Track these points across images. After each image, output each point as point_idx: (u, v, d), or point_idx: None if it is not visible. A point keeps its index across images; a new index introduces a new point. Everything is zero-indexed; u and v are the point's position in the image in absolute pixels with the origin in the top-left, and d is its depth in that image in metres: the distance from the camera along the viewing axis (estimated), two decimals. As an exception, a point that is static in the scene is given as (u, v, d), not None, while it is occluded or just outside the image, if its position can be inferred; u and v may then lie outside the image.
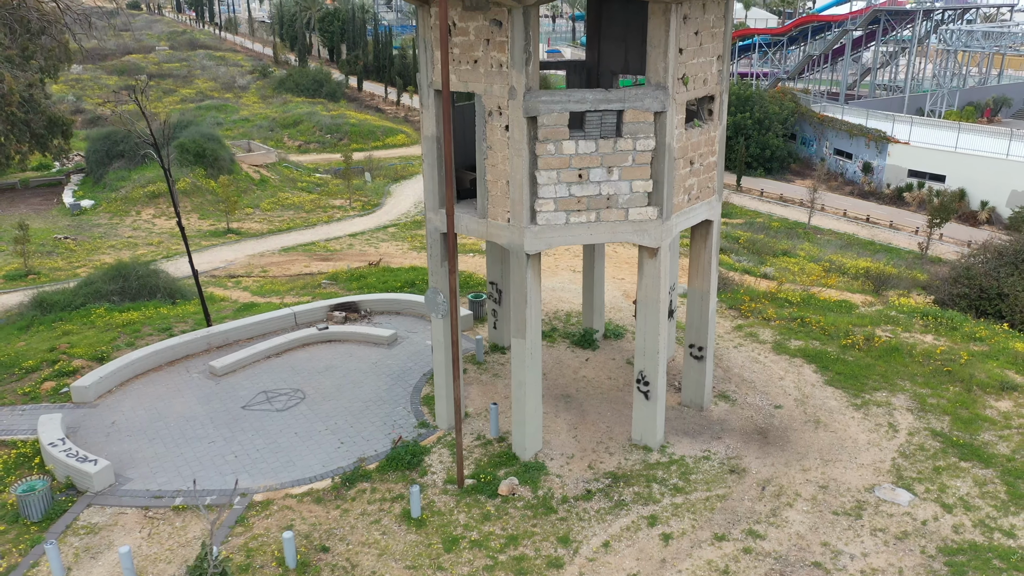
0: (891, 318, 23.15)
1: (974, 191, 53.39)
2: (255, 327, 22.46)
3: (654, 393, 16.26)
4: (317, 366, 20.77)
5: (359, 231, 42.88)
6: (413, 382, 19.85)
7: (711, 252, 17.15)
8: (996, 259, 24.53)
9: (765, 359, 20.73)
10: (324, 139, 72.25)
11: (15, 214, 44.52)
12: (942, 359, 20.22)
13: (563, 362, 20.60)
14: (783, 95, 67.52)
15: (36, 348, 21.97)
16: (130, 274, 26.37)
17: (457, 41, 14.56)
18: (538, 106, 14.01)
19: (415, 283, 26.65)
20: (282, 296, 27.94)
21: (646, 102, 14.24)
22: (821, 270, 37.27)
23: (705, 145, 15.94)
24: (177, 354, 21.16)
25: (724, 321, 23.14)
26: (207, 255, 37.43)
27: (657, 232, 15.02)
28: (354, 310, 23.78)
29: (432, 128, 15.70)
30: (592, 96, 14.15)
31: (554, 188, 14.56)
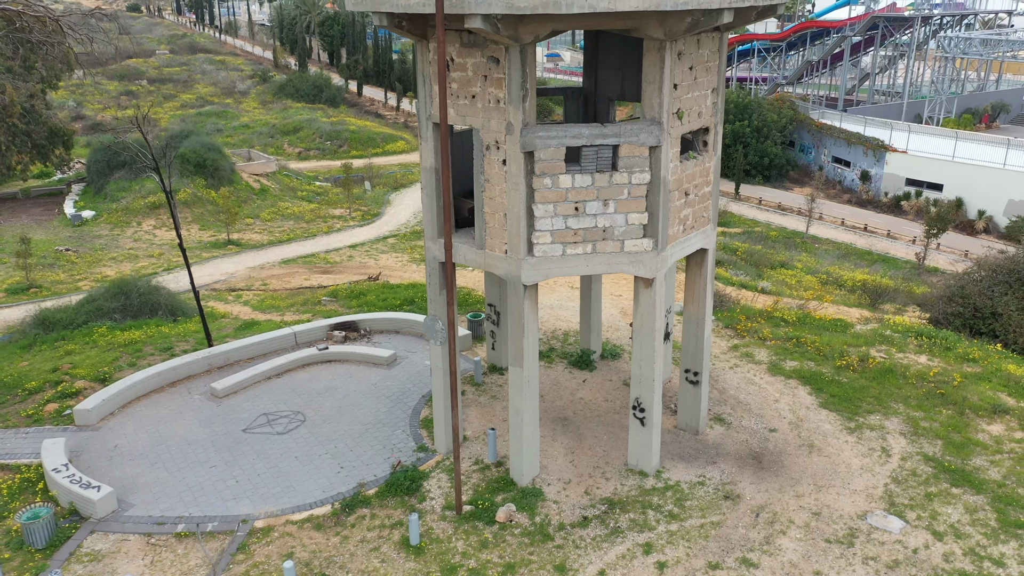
0: (886, 338, 23.37)
1: (971, 200, 53.63)
2: (256, 347, 22.68)
3: (650, 420, 16.47)
4: (317, 387, 20.98)
5: (359, 242, 43.10)
6: (412, 404, 20.07)
7: (706, 279, 17.37)
8: (990, 277, 24.74)
9: (760, 380, 20.94)
10: (324, 146, 72.48)
11: (17, 225, 44.75)
12: (935, 381, 20.43)
13: (560, 384, 20.82)
14: (781, 103, 67.75)
15: (39, 368, 22.18)
16: (131, 291, 26.58)
17: (455, 76, 14.77)
18: (535, 141, 14.23)
19: (414, 300, 26.87)
20: (282, 312, 28.15)
21: (641, 137, 14.46)
22: (818, 283, 37.50)
23: (700, 176, 16.16)
24: (179, 375, 21.37)
25: (720, 341, 23.36)
26: (208, 268, 37.65)
27: (652, 263, 15.24)
28: (354, 329, 24.00)
29: (431, 160, 15.91)
30: (588, 131, 14.37)
31: (551, 221, 14.78)
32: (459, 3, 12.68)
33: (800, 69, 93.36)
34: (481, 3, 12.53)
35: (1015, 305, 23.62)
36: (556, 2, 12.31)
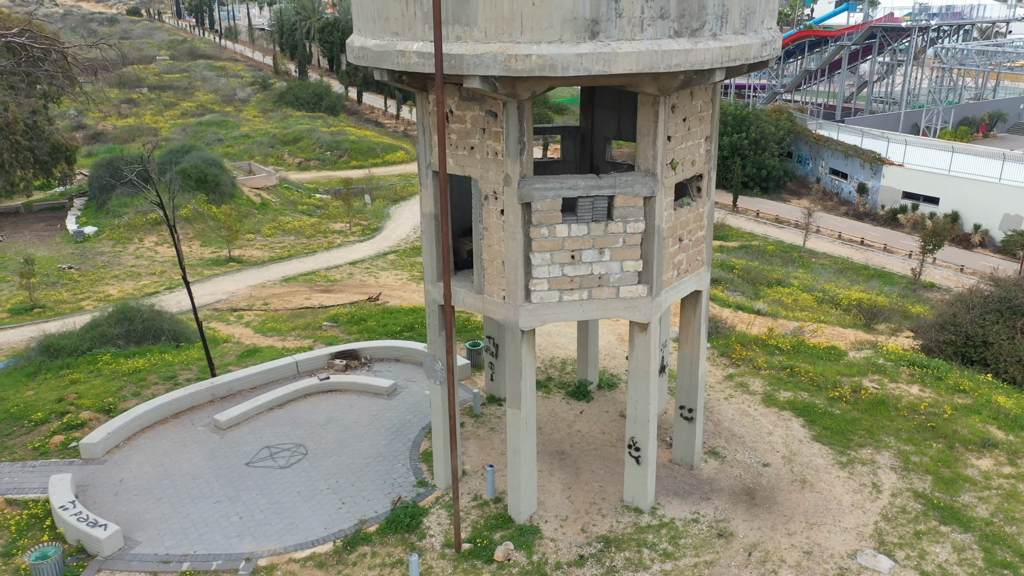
0: (879, 367, 23.73)
1: (967, 214, 54.02)
2: (258, 377, 23.03)
3: (645, 458, 16.82)
4: (319, 418, 21.34)
5: (359, 259, 43.48)
6: (412, 436, 20.42)
7: (701, 320, 17.72)
8: (982, 305, 25.10)
9: (755, 412, 21.30)
10: (324, 156, 72.84)
11: (19, 241, 45.11)
12: (926, 414, 20.79)
13: (558, 415, 21.17)
14: (779, 114, 68.12)
15: (44, 398, 22.52)
16: (135, 317, 26.92)
17: (454, 128, 15.12)
18: (532, 193, 14.58)
19: (414, 327, 27.22)
20: (284, 336, 28.50)
21: (636, 188, 14.81)
22: (814, 301, 37.86)
23: (694, 221, 16.51)
24: (182, 406, 21.72)
25: (716, 370, 23.72)
26: (209, 286, 38.01)
27: (647, 308, 15.59)
28: (355, 357, 24.35)
29: (430, 206, 16.27)
30: (584, 183, 14.73)
31: (548, 268, 15.13)
32: (458, 64, 13.03)
33: (799, 78, 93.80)
34: (479, 65, 12.88)
35: (1005, 334, 23.99)
36: (552, 65, 12.66)
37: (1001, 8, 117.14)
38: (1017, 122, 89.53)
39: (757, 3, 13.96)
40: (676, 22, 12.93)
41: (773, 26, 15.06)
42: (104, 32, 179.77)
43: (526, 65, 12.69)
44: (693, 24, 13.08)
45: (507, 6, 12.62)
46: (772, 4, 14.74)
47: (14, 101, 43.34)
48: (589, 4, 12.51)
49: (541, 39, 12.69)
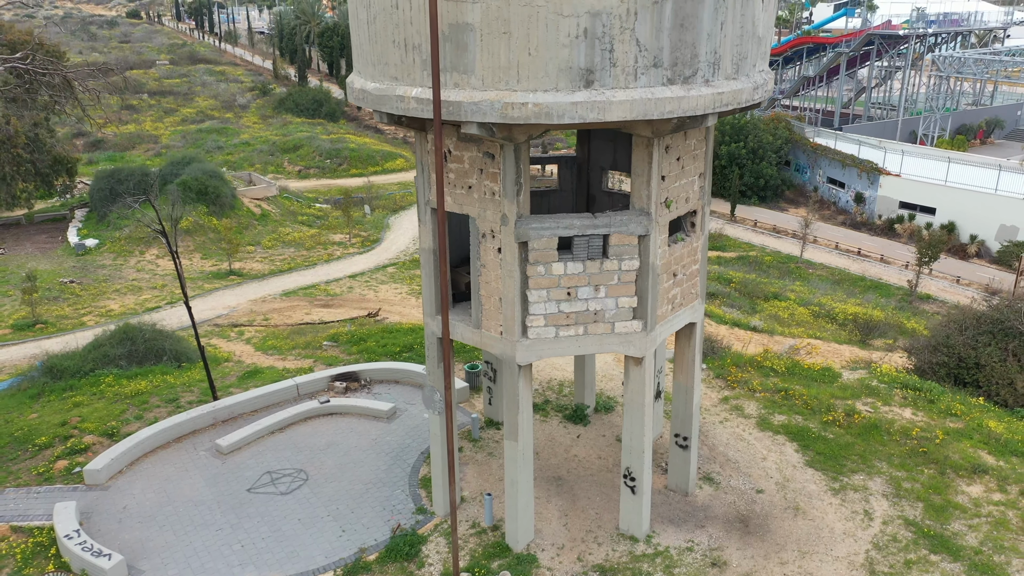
0: (872, 389, 24.02)
1: (964, 224, 54.33)
2: (259, 400, 23.31)
3: (640, 488, 17.11)
4: (319, 443, 21.62)
5: (359, 272, 43.77)
6: (411, 461, 20.70)
7: (695, 350, 18.01)
8: (975, 327, 25.37)
9: (749, 436, 21.58)
10: (324, 164, 73.10)
11: (21, 254, 45.37)
12: (919, 438, 21.08)
13: (555, 440, 21.46)
14: (777, 122, 68.41)
15: (48, 421, 22.80)
16: (137, 337, 27.19)
17: (453, 167, 15.41)
18: (529, 232, 14.86)
19: (413, 347, 27.50)
20: (284, 356, 28.78)
21: (630, 227, 15.10)
22: (810, 315, 38.16)
23: (688, 256, 16.80)
24: (184, 430, 22.00)
25: (711, 392, 24.01)
26: (210, 300, 38.29)
27: (642, 343, 15.88)
28: (354, 379, 24.63)
29: (429, 242, 16.55)
30: (579, 222, 15.02)
31: (544, 305, 15.41)
32: (456, 111, 13.32)
33: (797, 84, 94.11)
34: (477, 112, 13.17)
35: (997, 356, 24.27)
36: (548, 113, 12.95)
37: (998, 13, 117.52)
38: (1014, 128, 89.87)
39: (749, 49, 14.25)
40: (669, 70, 13.22)
41: (765, 68, 15.35)
42: (104, 35, 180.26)
43: (522, 113, 12.98)
44: (686, 72, 13.37)
45: (504, 56, 12.91)
46: (764, 47, 15.03)
47: (15, 114, 43.64)
48: (584, 54, 12.80)
49: (537, 87, 12.98)
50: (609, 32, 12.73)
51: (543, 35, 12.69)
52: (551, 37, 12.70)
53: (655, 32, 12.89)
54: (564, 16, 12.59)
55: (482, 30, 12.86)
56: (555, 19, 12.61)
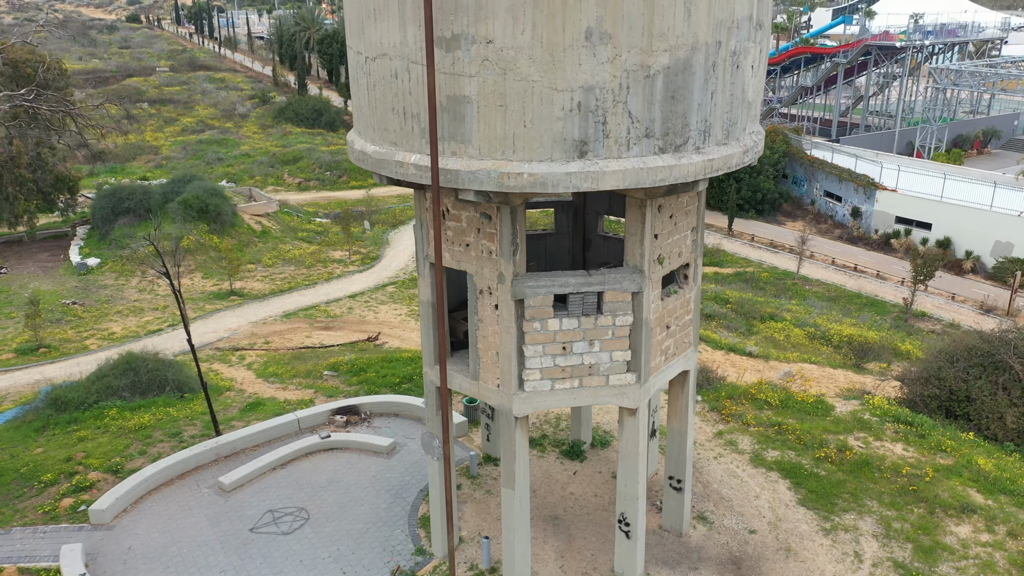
0: (864, 423, 24.39)
1: (959, 240, 54.70)
2: (261, 435, 23.68)
3: (634, 533, 17.48)
4: (320, 479, 21.98)
5: (358, 291, 44.15)
6: (411, 499, 21.07)
7: (688, 397, 18.39)
8: (966, 359, 25.73)
9: (743, 473, 21.96)
10: (324, 176, 73.49)
11: (24, 273, 45.73)
12: (909, 476, 21.45)
13: (552, 476, 21.83)
14: (775, 135, 68.75)
15: (53, 457, 23.17)
16: (140, 367, 27.57)
17: (451, 225, 15.78)
18: (525, 290, 15.24)
19: (412, 378, 27.87)
20: (285, 384, 29.15)
21: (624, 284, 15.47)
22: (806, 337, 38.53)
23: (681, 307, 17.17)
24: (187, 467, 22.37)
25: (706, 426, 24.38)
26: (211, 322, 38.67)
27: (636, 395, 16.26)
28: (355, 413, 25.01)
29: (428, 295, 16.93)
30: (575, 280, 15.39)
31: (540, 359, 15.79)
32: (454, 179, 13.69)
33: (795, 94, 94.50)
34: (474, 180, 13.54)
35: (988, 390, 24.64)
36: (543, 183, 13.32)
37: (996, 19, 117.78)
38: (1011, 138, 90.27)
39: (739, 114, 14.62)
40: (661, 140, 13.59)
41: (756, 128, 15.72)
42: (104, 40, 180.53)
43: (518, 182, 13.34)
44: (677, 140, 13.74)
45: (500, 127, 13.28)
46: (754, 109, 15.40)
47: (18, 134, 44.04)
48: (578, 126, 13.17)
49: (532, 157, 13.35)
50: (602, 105, 13.10)
51: (538, 108, 13.07)
52: (546, 110, 13.07)
53: (647, 105, 13.26)
54: (558, 91, 12.96)
55: (479, 103, 13.23)
56: (550, 93, 12.99)
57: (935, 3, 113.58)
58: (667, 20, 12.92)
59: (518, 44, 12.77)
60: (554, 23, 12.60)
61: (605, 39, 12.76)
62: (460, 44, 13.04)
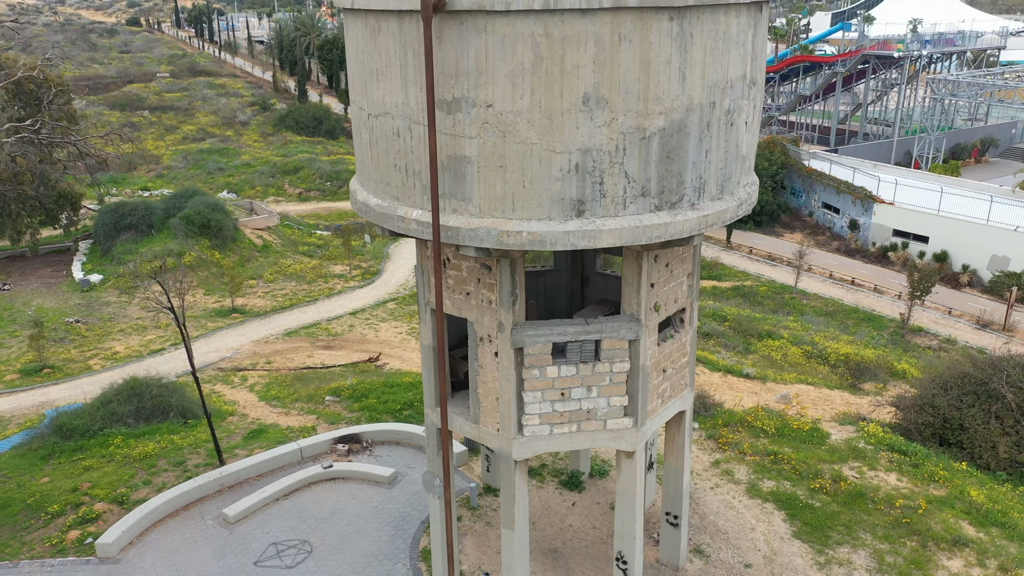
0: (859, 451, 24.73)
1: (956, 254, 55.05)
2: (264, 465, 24.02)
3: (632, 571, 17.82)
4: (323, 511, 22.33)
5: (359, 308, 44.45)
6: (412, 531, 21.42)
7: (684, 435, 18.73)
8: (959, 386, 26.07)
9: (739, 504, 22.31)
10: (324, 187, 73.79)
11: (27, 289, 46.04)
12: (902, 508, 21.79)
13: (551, 508, 22.18)
14: (773, 146, 69.08)
15: (59, 487, 23.50)
16: (144, 393, 27.88)
17: (451, 274, 16.12)
18: (524, 339, 15.57)
19: (413, 404, 28.20)
20: (287, 408, 29.48)
21: (621, 332, 15.80)
22: (803, 356, 38.87)
23: (677, 351, 17.51)
24: (192, 498, 22.71)
25: (703, 455, 24.72)
26: (213, 341, 38.99)
27: (633, 438, 16.60)
28: (356, 441, 25.36)
29: (429, 339, 17.27)
30: (573, 329, 15.72)
31: (539, 405, 16.12)
32: (454, 235, 14.02)
33: (793, 102, 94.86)
34: (474, 238, 13.87)
35: (981, 418, 24.98)
36: (541, 241, 13.66)
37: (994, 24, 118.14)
38: (1009, 146, 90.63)
39: (733, 169, 14.96)
40: (656, 198, 13.93)
41: (751, 181, 16.05)
42: (104, 45, 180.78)
43: (517, 240, 13.68)
44: (672, 198, 14.08)
45: (499, 187, 13.62)
46: (748, 162, 15.74)
47: (21, 152, 44.31)
48: (575, 187, 13.50)
49: (531, 216, 13.68)
50: (599, 166, 13.43)
51: (536, 169, 13.40)
52: (544, 171, 13.41)
53: (643, 165, 13.60)
54: (556, 153, 13.30)
55: (479, 163, 13.56)
56: (548, 155, 13.32)
57: (934, 8, 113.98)
58: (662, 84, 13.26)
59: (517, 108, 13.11)
60: (552, 90, 12.94)
61: (602, 104, 13.10)
62: (461, 107, 13.37)
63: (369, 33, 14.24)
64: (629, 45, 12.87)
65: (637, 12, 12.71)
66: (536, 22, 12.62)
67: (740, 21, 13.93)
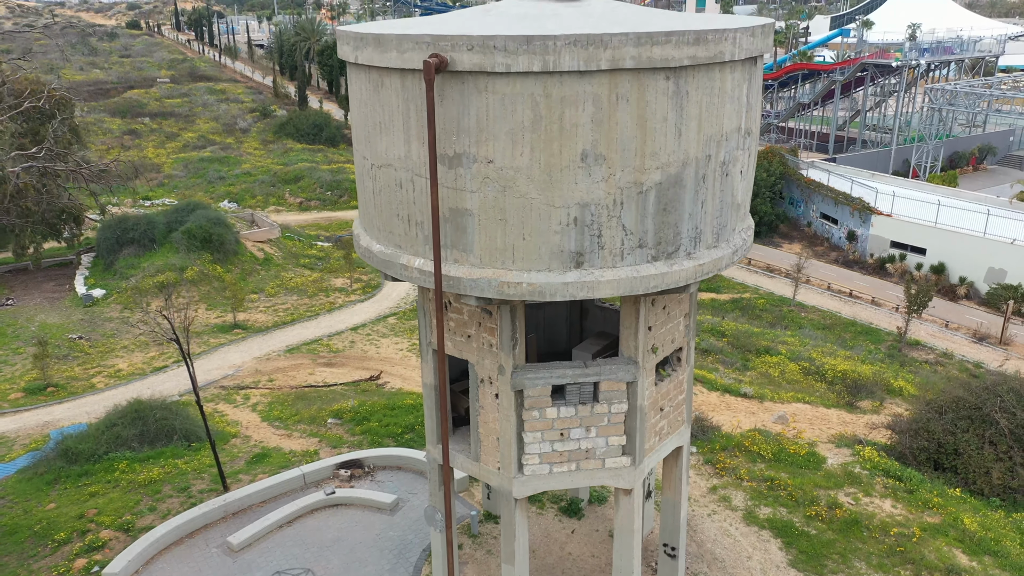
0: (854, 477, 25.06)
1: (953, 266, 55.39)
2: (267, 491, 24.34)
3: (630, 604, 18.16)
4: (325, 538, 22.65)
5: (360, 323, 44.80)
6: (413, 559, 21.73)
7: (682, 469, 19.05)
8: (954, 411, 26.40)
9: (736, 531, 22.63)
10: (325, 196, 74.17)
11: (30, 304, 46.38)
12: (897, 536, 22.12)
13: (551, 536, 22.50)
14: (772, 156, 69.43)
15: (66, 514, 23.82)
16: (148, 416, 28.21)
17: (453, 317, 16.44)
18: (524, 382, 15.90)
19: (414, 428, 28.52)
20: (290, 431, 29.80)
21: (619, 375, 16.12)
22: (800, 372, 39.21)
23: (675, 390, 17.84)
24: (197, 525, 23.01)
25: (700, 481, 25.05)
26: (215, 358, 39.31)
27: (631, 476, 16.92)
28: (359, 466, 25.68)
29: (431, 378, 17.60)
30: (572, 371, 16.05)
31: (539, 445, 16.45)
32: (456, 285, 14.34)
33: (792, 110, 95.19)
34: (475, 288, 14.19)
35: (975, 444, 25.30)
36: (541, 292, 13.98)
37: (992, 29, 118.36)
38: (1007, 154, 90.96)
39: (728, 217, 15.28)
40: (653, 249, 14.24)
41: (745, 226, 16.37)
42: (104, 49, 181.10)
43: (517, 291, 14.00)
44: (668, 248, 14.40)
45: (500, 239, 13.93)
46: (743, 209, 16.06)
47: (24, 168, 44.63)
48: (574, 239, 13.82)
49: (531, 267, 14.00)
50: (597, 220, 13.76)
51: (536, 223, 13.72)
52: (543, 225, 13.73)
53: (640, 218, 13.92)
54: (555, 207, 13.62)
55: (480, 216, 13.88)
56: (547, 209, 13.64)
57: (933, 12, 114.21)
58: (659, 141, 13.58)
59: (517, 165, 13.42)
60: (551, 147, 13.25)
61: (600, 160, 13.42)
62: (462, 162, 13.69)
63: (372, 87, 14.56)
64: (626, 104, 13.19)
65: (634, 73, 13.03)
66: (536, 83, 12.94)
67: (735, 76, 14.24)
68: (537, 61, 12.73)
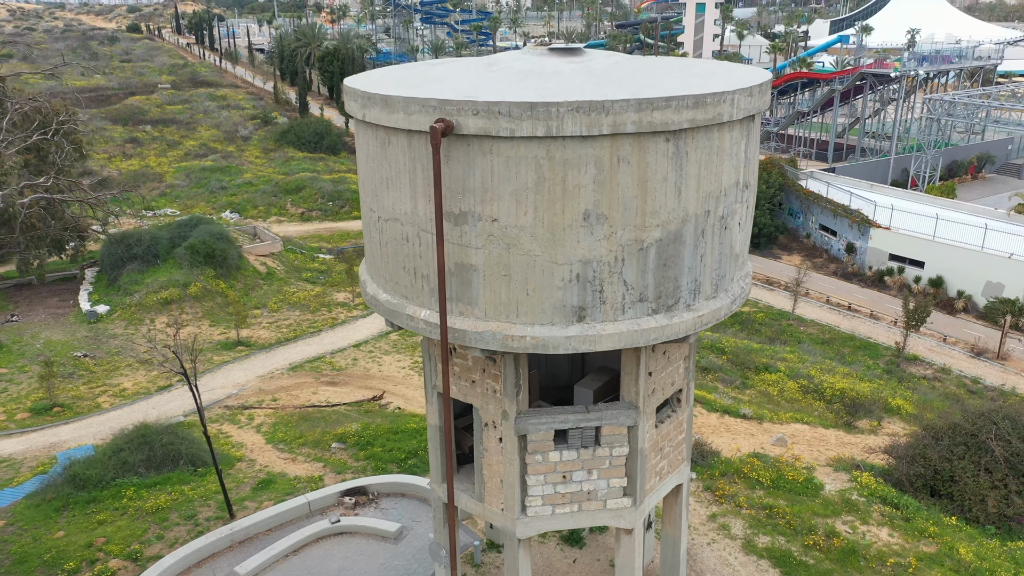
0: (852, 504, 25.41)
1: (951, 279, 55.74)
2: (273, 519, 24.68)
3: (631, 639, 18.51)
4: (330, 568, 22.99)
5: (362, 339, 45.13)
6: (417, 590, 22.11)
7: (682, 506, 19.41)
8: (950, 437, 26.75)
9: (735, 561, 22.99)
10: (326, 207, 74.50)
11: (35, 320, 46.71)
12: (893, 567, 22.48)
13: (552, 565, 22.86)
14: (771, 167, 69.75)
15: (75, 542, 24.16)
16: (154, 441, 28.54)
17: (457, 362, 16.79)
18: (527, 427, 16.25)
19: (418, 453, 28.87)
20: (294, 454, 30.15)
21: (620, 419, 16.48)
22: (799, 391, 39.56)
23: (675, 430, 18.19)
24: (203, 555, 23.34)
25: (700, 508, 25.40)
26: (219, 377, 39.66)
27: (631, 516, 17.28)
28: (363, 494, 26.03)
29: (436, 419, 17.95)
30: (574, 416, 16.40)
31: (542, 488, 16.80)
32: (461, 337, 14.69)
33: (792, 117, 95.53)
34: (480, 340, 14.54)
35: (971, 471, 25.65)
36: (544, 345, 14.33)
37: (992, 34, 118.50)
38: (1005, 163, 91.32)
39: (727, 268, 15.62)
40: (653, 302, 14.59)
41: (744, 274, 16.71)
42: (105, 53, 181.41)
43: (521, 344, 14.35)
44: (668, 301, 14.74)
45: (504, 294, 14.28)
46: (742, 259, 16.39)
47: (29, 184, 44.95)
48: (576, 294, 14.17)
49: (534, 321, 14.35)
50: (599, 276, 14.10)
51: (540, 279, 14.07)
52: (547, 280, 14.07)
53: (641, 273, 14.26)
54: (558, 264, 13.96)
55: (484, 271, 14.23)
56: (550, 266, 13.99)
57: (932, 17, 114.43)
58: (659, 200, 13.92)
59: (521, 224, 13.77)
60: (554, 207, 13.60)
61: (601, 219, 13.76)
62: (467, 220, 14.04)
63: (379, 144, 14.90)
64: (628, 166, 13.54)
65: (635, 136, 13.37)
66: (539, 146, 13.29)
67: (733, 135, 14.59)
68: (541, 126, 13.08)
